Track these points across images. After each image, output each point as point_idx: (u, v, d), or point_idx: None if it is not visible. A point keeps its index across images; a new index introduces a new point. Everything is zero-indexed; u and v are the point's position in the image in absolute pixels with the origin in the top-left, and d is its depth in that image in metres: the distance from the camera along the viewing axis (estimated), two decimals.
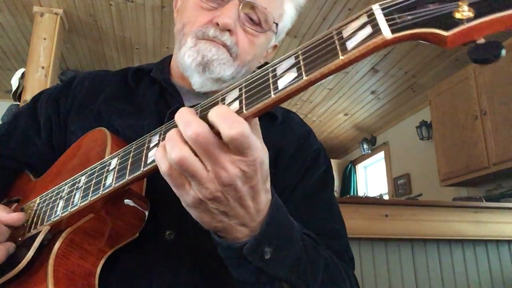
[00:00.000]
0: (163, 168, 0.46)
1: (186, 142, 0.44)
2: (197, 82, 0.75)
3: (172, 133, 0.45)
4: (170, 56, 0.88)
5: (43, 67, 3.42)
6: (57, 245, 0.57)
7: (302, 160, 0.77)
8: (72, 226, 0.59)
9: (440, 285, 2.25)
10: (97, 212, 0.60)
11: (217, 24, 0.72)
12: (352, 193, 6.25)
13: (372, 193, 6.21)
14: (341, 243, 0.73)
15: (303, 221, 0.61)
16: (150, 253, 0.64)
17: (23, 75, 3.42)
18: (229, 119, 0.43)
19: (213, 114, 0.44)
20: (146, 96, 0.80)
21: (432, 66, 4.15)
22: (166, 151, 0.46)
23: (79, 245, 0.60)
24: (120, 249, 0.62)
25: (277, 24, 0.80)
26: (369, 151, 6.09)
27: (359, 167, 6.74)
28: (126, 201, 0.62)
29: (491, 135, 3.38)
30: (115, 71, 0.90)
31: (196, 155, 0.44)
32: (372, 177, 6.57)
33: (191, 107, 0.50)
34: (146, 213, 0.64)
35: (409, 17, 0.39)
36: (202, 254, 0.65)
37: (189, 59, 0.73)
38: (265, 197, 0.50)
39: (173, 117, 0.70)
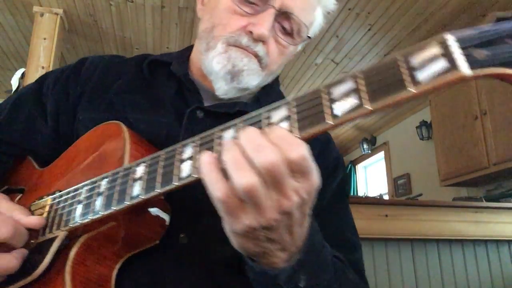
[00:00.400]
0: (219, 194, 0.42)
1: (254, 167, 0.41)
2: (222, 89, 0.72)
3: (237, 156, 0.41)
4: (190, 48, 0.85)
5: (43, 67, 3.42)
6: (73, 251, 0.55)
7: (323, 169, 0.75)
8: (90, 232, 0.57)
9: (440, 285, 2.25)
10: (119, 220, 0.57)
11: (251, 33, 0.69)
12: (352, 193, 6.25)
13: (372, 193, 6.20)
14: (357, 256, 0.73)
15: (321, 231, 0.61)
16: (164, 256, 0.62)
17: (23, 75, 3.42)
18: (289, 142, 0.41)
19: (271, 137, 0.42)
20: (162, 90, 0.77)
21: None
22: (218, 173, 0.42)
23: (96, 250, 0.57)
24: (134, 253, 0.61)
25: (309, 37, 0.77)
26: (369, 151, 6.09)
27: (359, 167, 6.74)
28: (152, 210, 0.59)
29: (491, 135, 3.38)
30: (129, 58, 0.86)
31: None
32: (372, 177, 6.57)
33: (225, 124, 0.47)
34: (168, 219, 0.61)
35: (487, 54, 0.37)
36: (216, 261, 0.64)
37: (218, 66, 0.70)
38: (308, 221, 0.49)
39: (192, 116, 0.70)
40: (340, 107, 0.41)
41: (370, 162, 6.51)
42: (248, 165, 0.41)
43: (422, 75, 0.38)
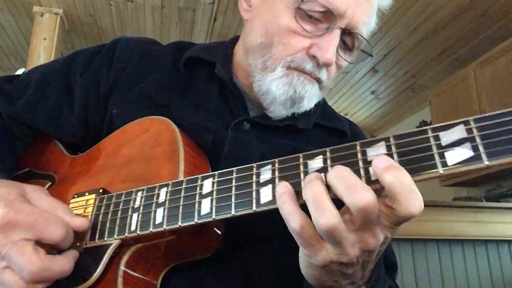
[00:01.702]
0: (294, 225, 0.40)
1: (336, 212, 0.39)
2: (279, 113, 0.67)
3: (318, 193, 0.39)
4: (230, 46, 0.78)
5: None
6: (125, 260, 0.52)
7: None
8: (145, 243, 0.54)
9: (440, 285, 2.25)
10: (181, 236, 0.53)
11: (314, 57, 0.63)
12: None
13: None
14: (395, 274, 0.72)
15: None
16: (204, 268, 0.60)
17: None
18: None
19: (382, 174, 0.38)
20: (204, 91, 0.72)
21: (432, 66, 4.14)
22: (294, 205, 0.40)
23: (145, 258, 0.55)
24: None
25: (370, 55, 0.73)
26: None
27: None
28: (215, 228, 0.57)
29: None
30: (166, 46, 0.79)
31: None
32: None
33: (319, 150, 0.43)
34: (222, 235, 0.58)
35: None
36: (257, 277, 0.61)
37: (278, 91, 0.64)
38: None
39: (238, 128, 0.65)
40: (453, 157, 0.37)
41: None
42: (330, 203, 0.39)
43: None
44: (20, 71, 3.44)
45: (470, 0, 3.18)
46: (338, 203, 0.40)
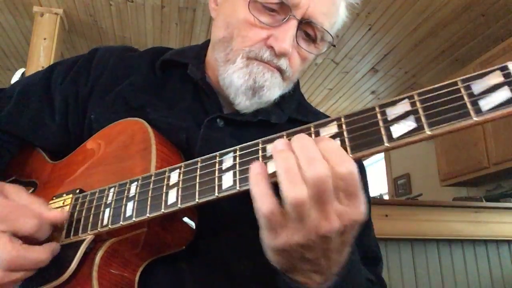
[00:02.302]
0: (265, 209, 0.41)
1: (305, 180, 0.39)
2: (243, 104, 0.69)
3: (290, 166, 0.40)
4: (204, 47, 0.80)
5: (43, 67, 3.41)
6: (99, 255, 0.54)
7: None
8: (118, 237, 0.55)
9: (440, 285, 2.25)
10: (151, 227, 0.55)
11: (271, 47, 0.65)
12: None
13: (372, 193, 6.20)
14: (379, 269, 0.73)
15: None
16: (184, 261, 0.61)
17: (23, 75, 3.42)
18: (339, 156, 0.40)
19: (322, 148, 0.40)
20: (178, 92, 0.74)
21: (432, 66, 4.14)
22: (267, 187, 0.41)
23: (121, 254, 0.56)
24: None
25: (333, 45, 0.73)
26: None
27: None
28: (185, 219, 0.58)
29: (491, 135, 3.38)
30: (143, 52, 0.82)
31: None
32: (372, 177, 6.57)
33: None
34: (195, 226, 0.60)
35: None
36: (235, 271, 0.63)
37: (239, 81, 0.66)
38: (348, 249, 0.48)
39: (211, 125, 0.67)
40: (398, 130, 0.40)
41: (370, 162, 6.51)
42: (301, 177, 0.39)
43: (486, 105, 0.37)
44: (20, 71, 3.44)
45: (470, 0, 3.18)
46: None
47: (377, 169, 6.30)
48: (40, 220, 0.53)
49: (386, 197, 5.39)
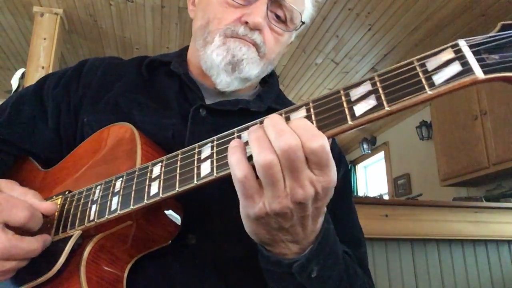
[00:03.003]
0: (239, 174, 0.44)
1: (274, 148, 0.43)
2: (224, 81, 0.73)
3: (260, 136, 0.44)
4: (187, 48, 0.86)
5: (43, 67, 3.42)
6: (87, 250, 0.55)
7: None
8: (104, 232, 0.57)
9: (440, 285, 2.25)
10: (135, 220, 0.57)
11: (246, 23, 0.71)
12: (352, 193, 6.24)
13: (372, 193, 6.20)
14: (361, 252, 0.74)
15: None
16: (173, 257, 0.63)
17: (23, 75, 3.42)
18: (310, 132, 0.43)
19: (293, 125, 0.43)
20: (164, 90, 0.77)
21: None
22: (243, 155, 0.45)
23: (109, 250, 0.58)
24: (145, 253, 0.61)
25: (302, 23, 0.79)
26: (369, 151, 6.09)
27: (359, 167, 6.74)
28: (167, 212, 0.60)
29: (491, 135, 3.38)
30: (129, 59, 0.87)
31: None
32: (372, 177, 6.57)
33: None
34: (180, 220, 0.62)
35: (498, 59, 0.39)
36: (227, 261, 0.65)
37: (218, 58, 0.71)
38: (322, 218, 0.50)
39: (197, 115, 0.71)
40: (360, 109, 0.43)
41: (370, 162, 6.51)
42: (269, 145, 0.43)
43: (439, 79, 0.40)
44: (20, 71, 3.44)
45: (470, 0, 3.18)
46: None
47: (377, 169, 6.30)
48: (32, 211, 0.55)
49: (386, 197, 5.39)
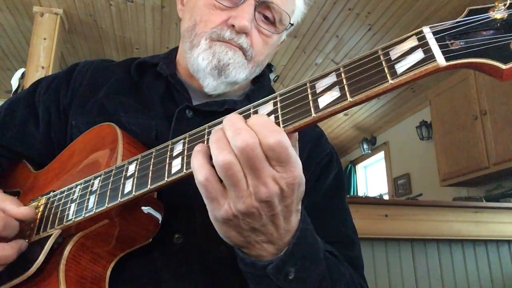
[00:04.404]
0: (200, 177, 0.44)
1: (232, 151, 0.43)
2: (211, 85, 0.72)
3: (219, 137, 0.44)
4: (176, 49, 0.85)
5: (43, 67, 3.42)
6: (67, 249, 0.56)
7: (315, 165, 0.75)
8: (84, 231, 0.57)
9: (440, 285, 2.25)
10: (113, 218, 0.58)
11: (233, 26, 0.69)
12: (352, 193, 6.25)
13: (372, 193, 6.20)
14: (354, 252, 0.72)
15: (317, 228, 0.60)
16: (159, 256, 0.63)
17: (23, 75, 3.42)
18: (267, 128, 0.42)
19: (251, 123, 0.44)
20: (151, 91, 0.77)
21: None
22: (204, 159, 0.45)
23: (90, 249, 0.58)
24: (128, 252, 0.61)
25: (291, 24, 0.77)
26: (369, 151, 6.09)
27: (359, 167, 6.74)
28: (144, 208, 0.60)
29: (491, 135, 3.38)
30: (118, 62, 0.87)
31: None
32: (372, 177, 6.57)
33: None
34: (161, 218, 0.62)
35: (462, 44, 0.38)
36: (212, 260, 0.65)
37: (204, 62, 0.70)
38: (296, 217, 0.50)
39: (181, 116, 0.71)
40: (324, 101, 0.43)
41: (370, 162, 6.51)
42: (228, 144, 0.43)
43: (402, 68, 0.40)
44: (20, 71, 3.44)
45: (470, 0, 3.18)
46: None
47: (377, 169, 6.30)
48: (5, 221, 0.56)
49: (386, 197, 5.39)
